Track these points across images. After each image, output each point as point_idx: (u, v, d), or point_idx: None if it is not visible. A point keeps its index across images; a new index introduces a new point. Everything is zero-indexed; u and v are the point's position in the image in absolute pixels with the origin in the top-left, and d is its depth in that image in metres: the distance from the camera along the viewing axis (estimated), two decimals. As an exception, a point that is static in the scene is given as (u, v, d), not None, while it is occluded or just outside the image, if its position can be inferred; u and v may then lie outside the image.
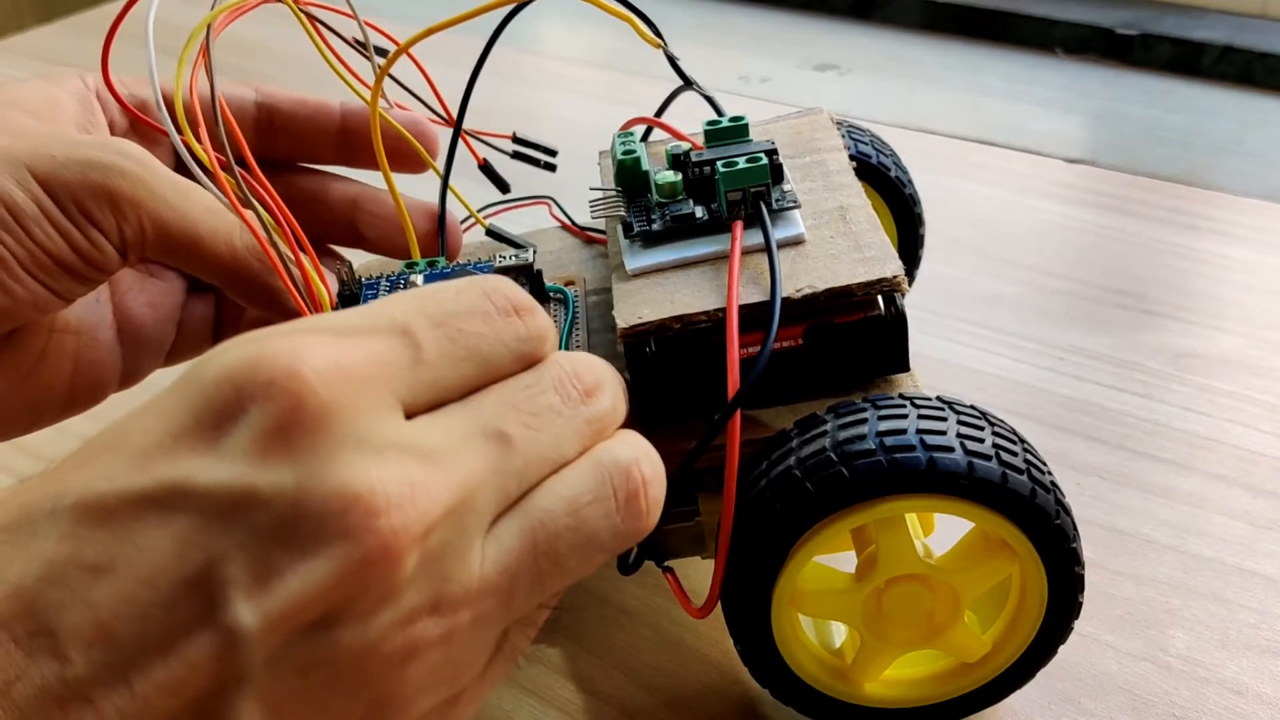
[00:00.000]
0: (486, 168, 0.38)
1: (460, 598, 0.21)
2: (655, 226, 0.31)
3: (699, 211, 0.31)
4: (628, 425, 0.26)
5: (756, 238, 0.30)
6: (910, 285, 0.29)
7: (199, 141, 0.29)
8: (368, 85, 0.33)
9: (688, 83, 0.36)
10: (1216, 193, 0.58)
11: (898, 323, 0.29)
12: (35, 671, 0.18)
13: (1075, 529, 0.28)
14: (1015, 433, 0.29)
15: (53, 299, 0.30)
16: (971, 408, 0.28)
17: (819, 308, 0.29)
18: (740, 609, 0.29)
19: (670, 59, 0.35)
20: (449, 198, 0.36)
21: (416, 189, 0.36)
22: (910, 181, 0.41)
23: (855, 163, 0.34)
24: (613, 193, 0.33)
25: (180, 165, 0.32)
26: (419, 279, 0.31)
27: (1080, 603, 0.29)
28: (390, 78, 0.34)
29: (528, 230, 0.40)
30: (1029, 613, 0.29)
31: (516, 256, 0.34)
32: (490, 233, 0.38)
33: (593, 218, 0.34)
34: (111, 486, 0.20)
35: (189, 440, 0.20)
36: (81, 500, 0.20)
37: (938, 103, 0.80)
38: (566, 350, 0.25)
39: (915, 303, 0.30)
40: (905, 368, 0.30)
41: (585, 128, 0.66)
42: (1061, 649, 0.30)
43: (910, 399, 0.28)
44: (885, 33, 0.91)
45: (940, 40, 0.89)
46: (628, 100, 0.68)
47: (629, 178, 0.33)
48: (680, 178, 0.32)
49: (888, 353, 0.30)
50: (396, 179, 0.34)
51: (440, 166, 0.35)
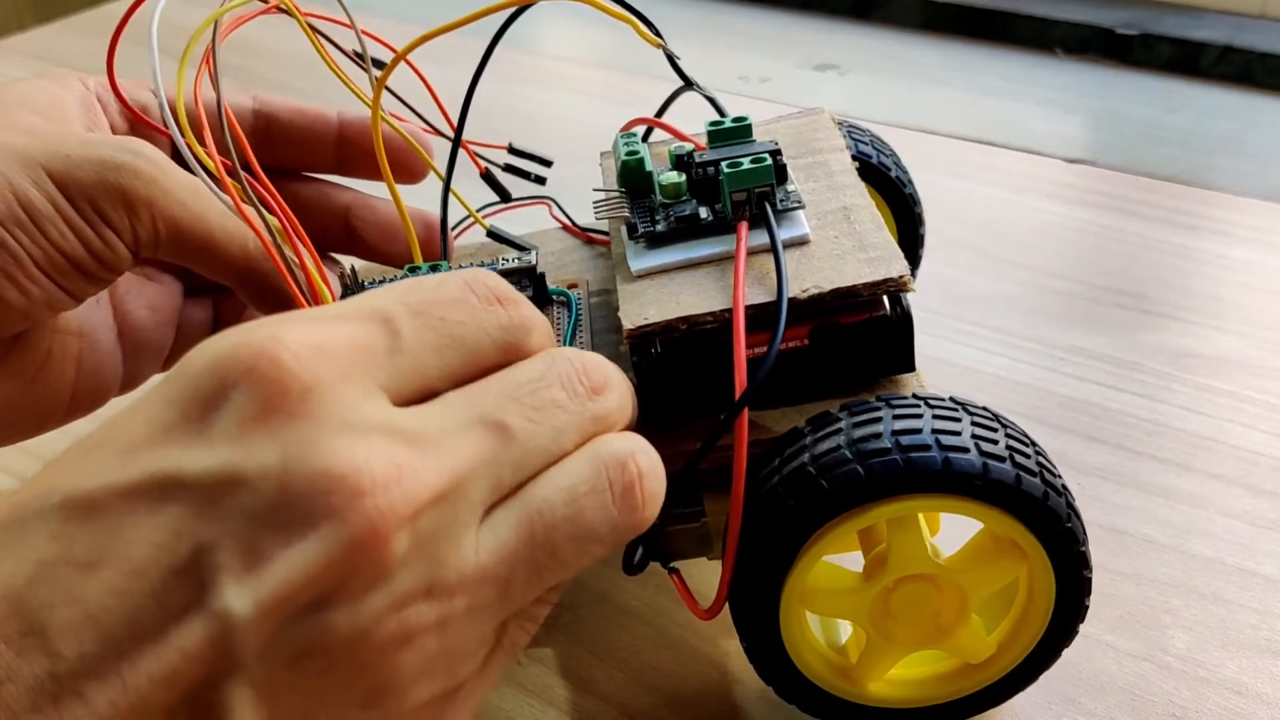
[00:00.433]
0: (488, 176, 0.38)
1: (455, 584, 0.21)
2: (659, 227, 0.31)
3: (703, 212, 0.31)
4: (632, 425, 0.26)
5: (761, 238, 0.30)
6: (913, 285, 0.29)
7: (202, 145, 0.29)
8: (368, 100, 0.33)
9: (688, 82, 0.36)
10: (1216, 193, 0.58)
11: (903, 323, 0.29)
12: (26, 670, 0.18)
13: (1085, 532, 0.28)
14: (1027, 435, 0.29)
15: (65, 298, 0.30)
16: (984, 409, 0.28)
17: (825, 308, 0.29)
18: (749, 607, 0.29)
19: (670, 59, 0.35)
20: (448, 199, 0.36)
21: (413, 193, 0.36)
22: (910, 181, 0.41)
23: (856, 163, 0.34)
24: (616, 193, 0.33)
25: (184, 168, 0.32)
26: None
27: (1087, 606, 0.29)
28: (388, 89, 0.34)
29: (528, 231, 0.40)
30: (1035, 615, 0.29)
31: (519, 259, 0.34)
32: (491, 234, 0.38)
33: (596, 218, 0.34)
34: (98, 482, 0.20)
35: (175, 432, 0.20)
36: (69, 498, 0.20)
37: (938, 103, 0.80)
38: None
39: (915, 302, 0.30)
40: (911, 368, 0.30)
41: (585, 128, 0.66)
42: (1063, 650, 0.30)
43: (924, 399, 0.28)
44: (885, 33, 0.91)
45: (940, 40, 0.89)
46: (628, 100, 0.68)
47: (632, 178, 0.33)
48: (684, 178, 0.32)
49: (893, 353, 0.30)
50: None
51: (441, 170, 0.35)
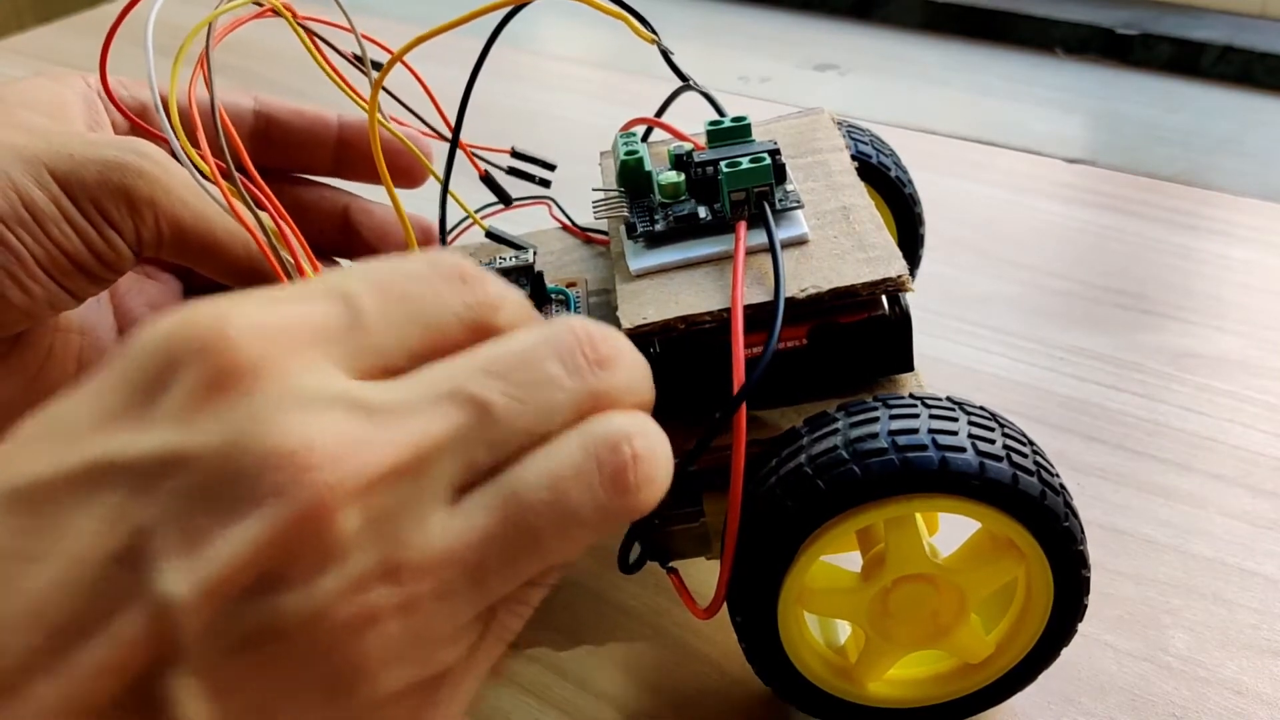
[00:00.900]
0: (488, 179, 0.38)
1: (417, 565, 0.20)
2: (658, 227, 0.31)
3: (702, 212, 0.31)
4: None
5: (760, 238, 0.30)
6: (912, 285, 0.29)
7: (197, 147, 0.29)
8: (364, 103, 0.33)
9: (684, 79, 0.36)
10: (1216, 193, 0.57)
11: (902, 322, 0.29)
12: None
13: (1083, 531, 0.28)
14: (1024, 434, 0.29)
15: (67, 297, 0.30)
16: (981, 408, 0.28)
17: (823, 308, 0.29)
18: (747, 607, 0.29)
19: (665, 55, 0.35)
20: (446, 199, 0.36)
21: (411, 194, 0.36)
22: (910, 181, 0.41)
23: (856, 163, 0.34)
24: (615, 193, 0.33)
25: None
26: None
27: (1085, 605, 0.29)
28: (385, 90, 0.34)
29: (527, 231, 0.40)
30: (1034, 614, 0.29)
31: (517, 258, 0.34)
32: (490, 234, 0.38)
33: (595, 218, 0.34)
34: (39, 471, 0.19)
35: (118, 415, 0.20)
36: (12, 489, 0.19)
37: (938, 103, 0.80)
38: None
39: (915, 303, 0.30)
40: (909, 367, 0.30)
41: (585, 128, 0.66)
42: (1062, 649, 0.30)
43: (921, 399, 0.28)
44: (885, 33, 0.91)
45: (940, 40, 0.89)
46: (628, 100, 0.68)
47: (632, 178, 0.33)
48: (683, 178, 0.32)
49: (892, 353, 0.30)
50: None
51: (440, 172, 0.35)
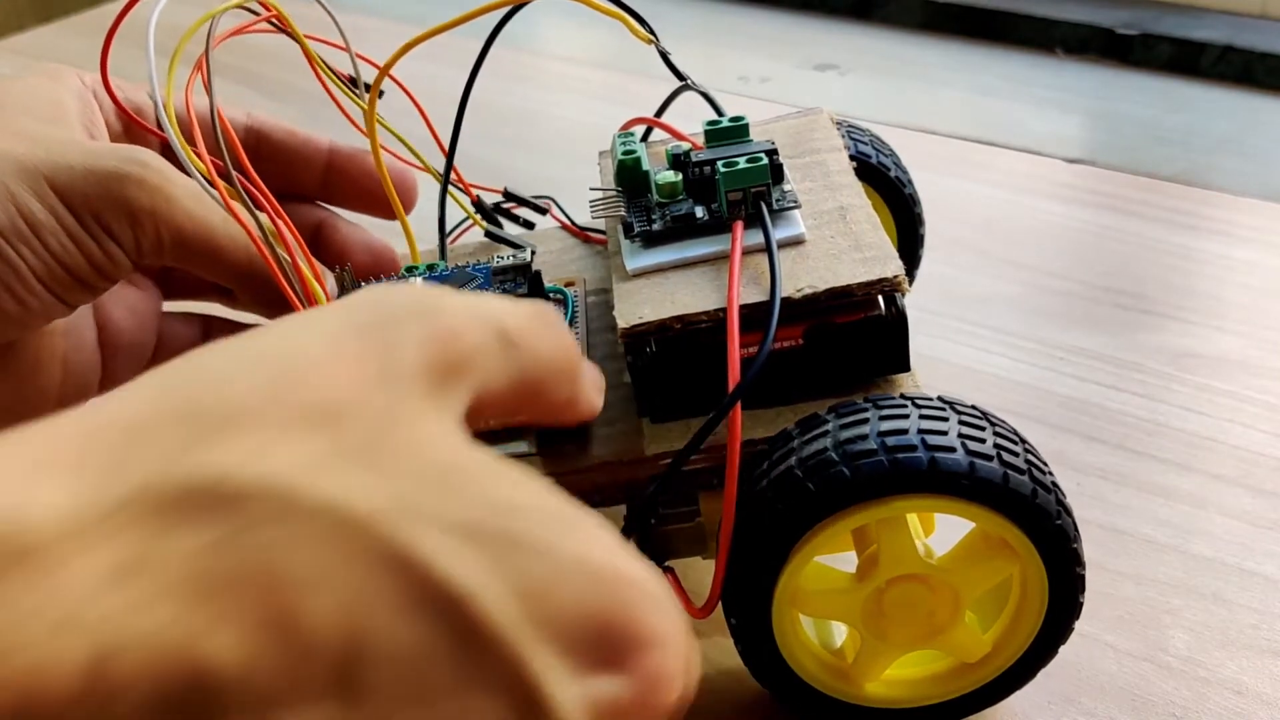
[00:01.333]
0: (480, 205, 0.38)
1: None
2: (656, 226, 0.31)
3: (699, 211, 0.31)
4: (630, 426, 0.25)
5: (757, 238, 0.30)
6: (910, 285, 0.29)
7: (194, 147, 0.29)
8: (359, 124, 0.33)
9: (682, 79, 0.36)
10: (1216, 193, 0.57)
11: (898, 323, 0.29)
12: None
13: (1076, 529, 0.28)
14: (1016, 433, 0.29)
15: (62, 308, 0.30)
16: (973, 408, 0.28)
17: (819, 308, 0.29)
18: (741, 608, 0.28)
19: (663, 55, 0.35)
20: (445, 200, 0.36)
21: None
22: (910, 181, 0.41)
23: (855, 163, 0.34)
24: (613, 193, 0.33)
25: (179, 169, 0.32)
26: (418, 282, 0.31)
27: (1081, 603, 0.29)
28: (381, 123, 0.34)
29: (527, 231, 0.40)
30: (1030, 613, 0.29)
31: (514, 257, 0.34)
32: (489, 234, 0.38)
33: (593, 218, 0.34)
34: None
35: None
36: None
37: (938, 103, 0.80)
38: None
39: (915, 303, 0.30)
40: (906, 368, 0.30)
41: (585, 128, 0.66)
42: (1061, 649, 0.30)
43: (911, 399, 0.28)
44: (885, 33, 0.91)
45: (940, 40, 0.89)
46: (627, 100, 0.68)
47: (629, 178, 0.33)
48: (680, 178, 0.32)
49: (888, 353, 0.30)
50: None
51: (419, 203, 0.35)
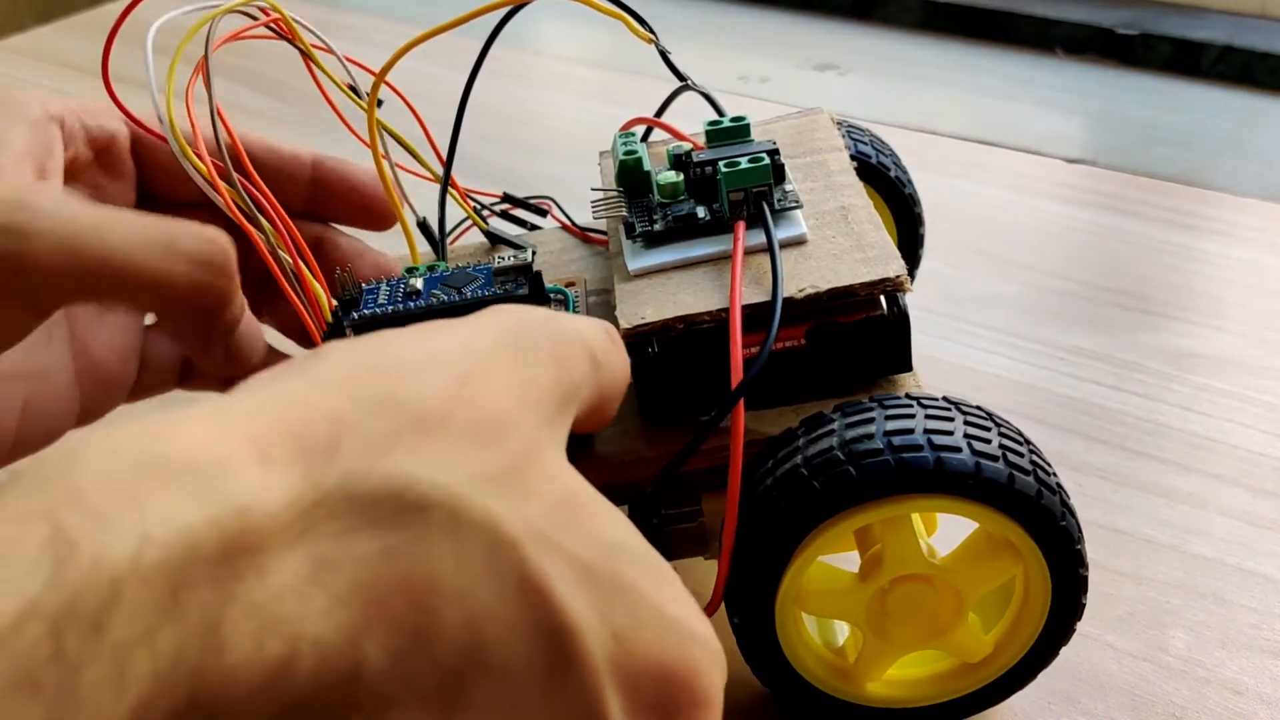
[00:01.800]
0: (477, 214, 0.38)
1: None
2: (657, 227, 0.31)
3: (701, 212, 0.31)
4: (632, 426, 0.25)
5: (758, 238, 0.30)
6: (910, 285, 0.29)
7: (193, 147, 0.29)
8: (365, 140, 0.33)
9: (681, 78, 0.36)
10: (1216, 193, 0.57)
11: (900, 322, 0.29)
12: None
13: (1080, 530, 0.28)
14: (1021, 433, 0.29)
15: None
16: (978, 408, 0.28)
17: (821, 308, 0.29)
18: (745, 608, 0.28)
19: (662, 54, 0.35)
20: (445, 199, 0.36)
21: (410, 197, 0.36)
22: (910, 181, 0.41)
23: (855, 163, 0.34)
24: (614, 193, 0.33)
25: (142, 197, 0.33)
26: (419, 282, 0.31)
27: (1084, 604, 0.29)
28: (383, 127, 0.34)
29: (526, 231, 0.40)
30: (1032, 614, 0.29)
31: (515, 257, 0.34)
32: (489, 234, 0.38)
33: (594, 218, 0.34)
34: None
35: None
36: None
37: (938, 103, 0.80)
38: None
39: (915, 303, 0.30)
40: (908, 368, 0.30)
41: (585, 128, 0.66)
42: (1062, 649, 0.30)
43: (917, 399, 0.28)
44: (885, 33, 0.91)
45: (940, 40, 0.89)
46: (628, 100, 0.68)
47: (630, 178, 0.33)
48: (682, 178, 0.32)
49: (890, 353, 0.30)
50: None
51: (409, 216, 0.35)
